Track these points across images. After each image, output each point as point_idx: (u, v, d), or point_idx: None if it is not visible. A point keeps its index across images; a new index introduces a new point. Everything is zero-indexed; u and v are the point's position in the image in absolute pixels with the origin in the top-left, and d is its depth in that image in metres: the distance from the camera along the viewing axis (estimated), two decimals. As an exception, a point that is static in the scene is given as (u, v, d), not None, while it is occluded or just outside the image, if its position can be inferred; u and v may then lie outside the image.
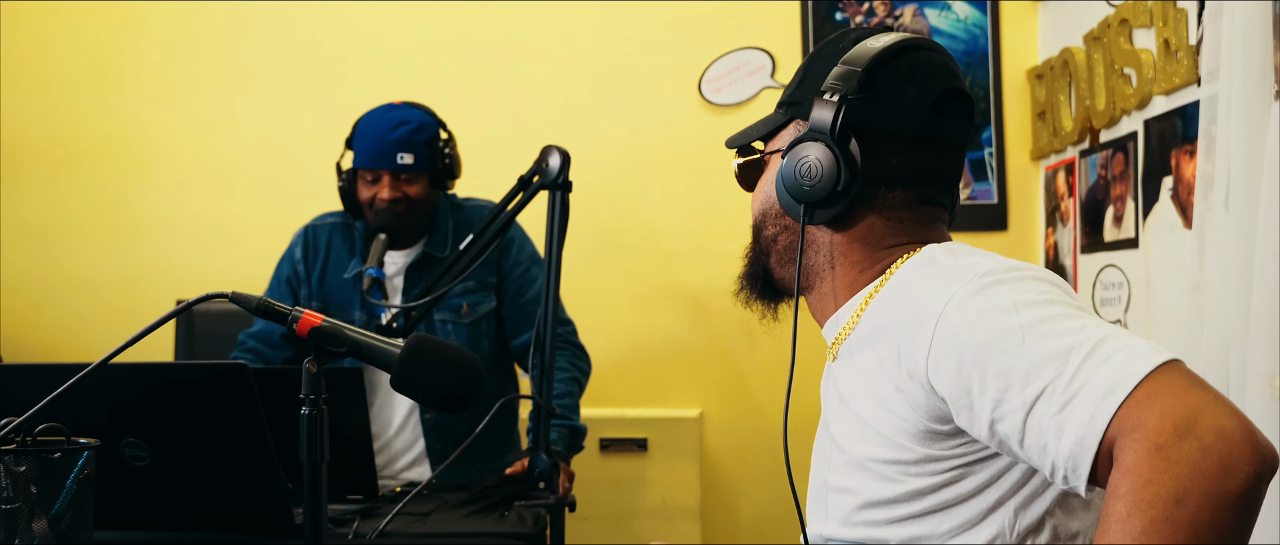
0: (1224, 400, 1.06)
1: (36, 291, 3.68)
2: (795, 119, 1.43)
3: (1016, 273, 1.22)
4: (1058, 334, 1.13)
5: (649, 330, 3.66)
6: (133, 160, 3.70)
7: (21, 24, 3.71)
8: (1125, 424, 1.07)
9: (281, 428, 1.70)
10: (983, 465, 1.24)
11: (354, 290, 2.79)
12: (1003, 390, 1.14)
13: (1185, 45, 2.67)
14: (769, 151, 1.46)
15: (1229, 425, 1.03)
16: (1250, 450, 1.03)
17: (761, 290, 1.50)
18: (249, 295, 1.33)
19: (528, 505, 2.10)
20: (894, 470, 1.26)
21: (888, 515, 1.28)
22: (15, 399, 1.77)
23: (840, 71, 1.36)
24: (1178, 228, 2.72)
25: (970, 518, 1.24)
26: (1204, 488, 1.02)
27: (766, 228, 1.46)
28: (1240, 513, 1.02)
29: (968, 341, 1.17)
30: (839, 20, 3.61)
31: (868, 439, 1.29)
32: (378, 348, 1.35)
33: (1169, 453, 1.03)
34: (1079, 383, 1.10)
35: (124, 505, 1.81)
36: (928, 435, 1.24)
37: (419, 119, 2.74)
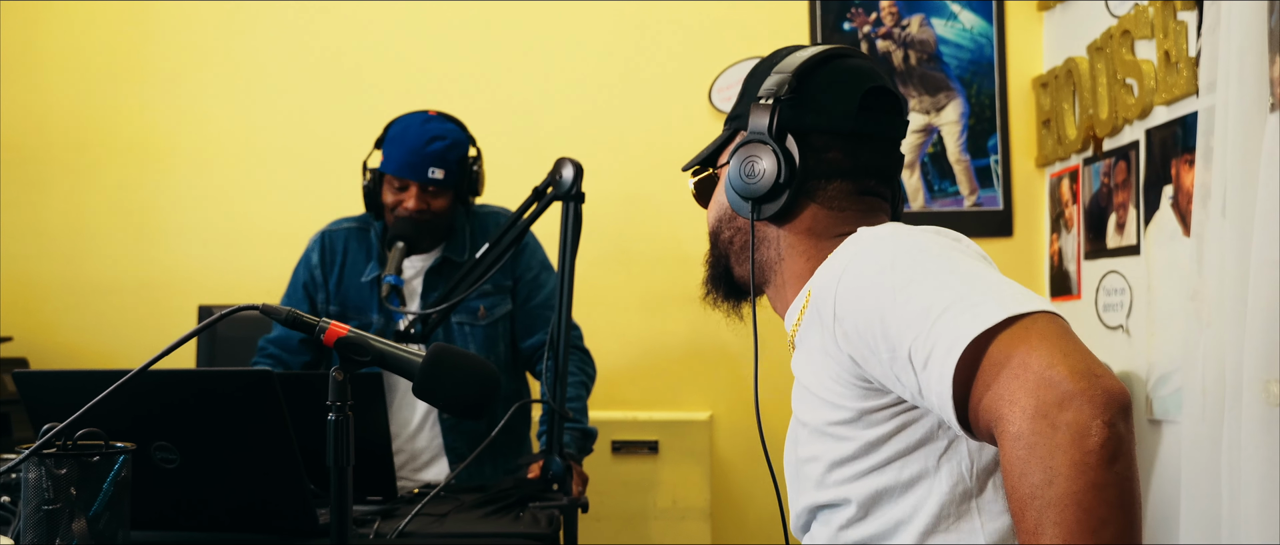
0: (1058, 358, 1.10)
1: (59, 297, 3.75)
2: (738, 131, 1.55)
3: (903, 234, 1.33)
4: (922, 292, 1.21)
5: (660, 335, 3.72)
6: (154, 166, 3.77)
7: (46, 30, 3.78)
8: (982, 403, 1.14)
9: (304, 432, 1.77)
10: (923, 413, 1.30)
11: (370, 293, 2.85)
12: (891, 350, 1.22)
13: (1185, 57, 2.72)
14: (718, 166, 1.58)
15: (1064, 388, 1.08)
16: (1092, 405, 1.07)
17: (725, 291, 1.63)
18: (278, 307, 1.40)
19: (542, 506, 2.16)
20: (843, 429, 1.35)
21: (850, 472, 1.35)
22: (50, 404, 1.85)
23: (773, 80, 1.49)
24: (1178, 235, 2.77)
25: (927, 466, 1.31)
26: (1066, 460, 1.07)
27: (722, 232, 1.58)
28: (1109, 466, 1.06)
29: (858, 304, 1.27)
30: (846, 30, 3.67)
31: (817, 406, 1.39)
32: (400, 357, 1.41)
33: (1027, 439, 1.09)
34: (931, 342, 1.17)
35: (154, 506, 1.87)
36: (859, 391, 1.32)
37: (454, 135, 2.80)
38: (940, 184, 3.66)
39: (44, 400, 1.90)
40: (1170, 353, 2.79)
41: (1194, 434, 2.47)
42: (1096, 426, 1.06)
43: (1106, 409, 1.06)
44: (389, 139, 2.81)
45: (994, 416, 1.13)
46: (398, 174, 2.75)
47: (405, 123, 2.81)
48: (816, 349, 1.38)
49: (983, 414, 1.15)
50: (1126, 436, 1.07)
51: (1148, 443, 2.91)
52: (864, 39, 3.67)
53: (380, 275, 2.83)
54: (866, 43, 3.67)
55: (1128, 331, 3.03)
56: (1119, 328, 3.07)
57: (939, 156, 3.66)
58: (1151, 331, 2.90)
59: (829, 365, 1.34)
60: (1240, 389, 2.27)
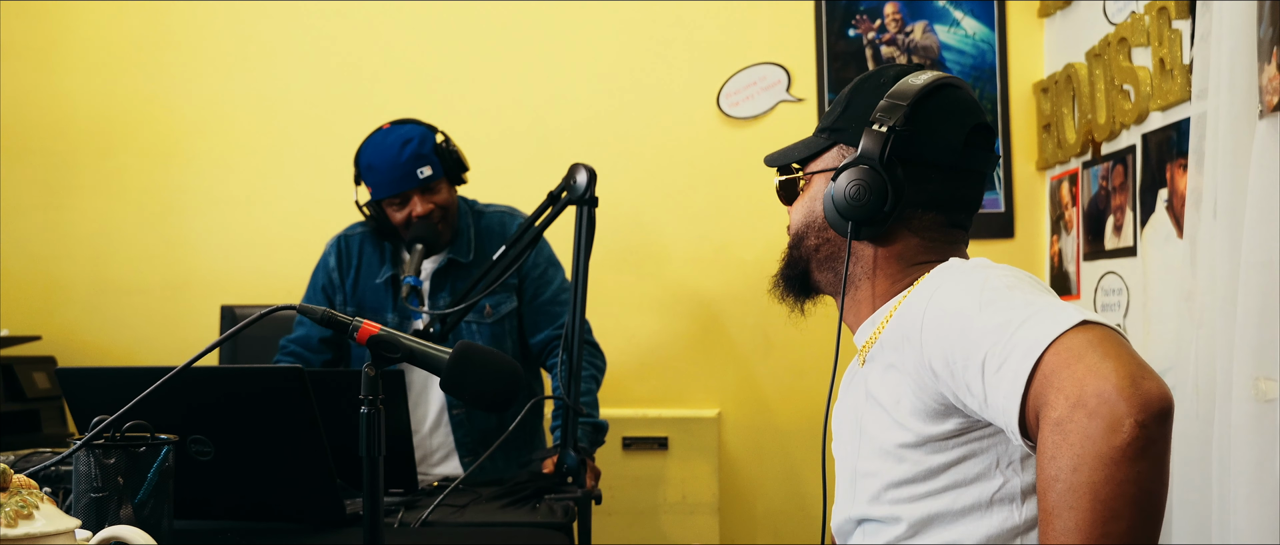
0: (1110, 358, 1.17)
1: (86, 297, 3.84)
2: (838, 144, 1.59)
3: (994, 268, 1.41)
4: (1005, 309, 1.29)
5: (669, 334, 3.79)
6: (178, 170, 3.85)
7: (70, 34, 3.86)
8: (1038, 401, 1.21)
9: (332, 426, 1.87)
10: (986, 447, 1.38)
11: (386, 294, 2.94)
12: (966, 357, 1.30)
13: (1179, 64, 2.80)
14: (813, 171, 1.61)
15: (1106, 386, 1.14)
16: (1128, 402, 1.13)
17: (797, 290, 1.66)
18: (314, 308, 1.49)
19: (557, 498, 2.25)
20: (908, 451, 1.42)
21: (907, 493, 1.43)
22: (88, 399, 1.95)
23: (887, 104, 1.52)
24: (1172, 238, 2.85)
25: (981, 499, 1.39)
26: (1093, 450, 1.13)
27: (809, 238, 1.61)
28: (1133, 463, 1.12)
29: (945, 318, 1.35)
30: (851, 36, 3.75)
31: (887, 426, 1.46)
32: (429, 354, 1.50)
33: (1064, 426, 1.16)
34: (1010, 347, 1.24)
35: (190, 496, 1.96)
36: (929, 415, 1.39)
37: (419, 131, 2.88)
38: (943, 187, 3.73)
39: (84, 396, 1.99)
40: (1165, 352, 2.86)
41: (1186, 430, 2.54)
42: (1129, 424, 1.12)
43: (1142, 409, 1.12)
44: (365, 169, 2.88)
45: (1042, 404, 1.19)
46: (394, 193, 2.83)
47: (371, 146, 2.88)
48: (896, 366, 1.45)
49: (1033, 408, 1.22)
50: (1158, 439, 1.13)
51: (1144, 439, 2.97)
52: (868, 45, 3.75)
53: (395, 274, 2.92)
54: (871, 49, 3.75)
55: (1125, 331, 3.11)
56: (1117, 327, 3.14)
57: (942, 160, 3.73)
58: (1148, 331, 2.98)
59: (906, 383, 1.42)
60: (1231, 386, 2.34)
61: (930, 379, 1.37)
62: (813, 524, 3.66)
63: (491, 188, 3.30)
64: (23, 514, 1.23)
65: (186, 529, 1.98)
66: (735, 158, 3.74)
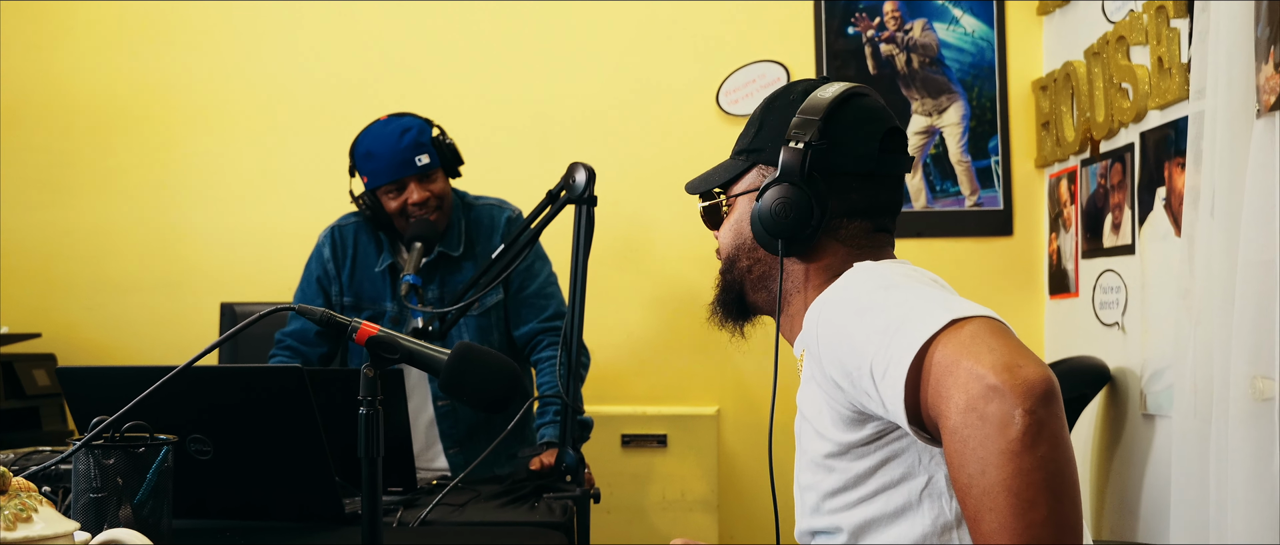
0: (985, 353, 1.19)
1: (85, 294, 3.85)
2: (758, 165, 1.60)
3: (876, 269, 1.45)
4: (880, 313, 1.32)
5: (668, 331, 3.79)
6: (176, 167, 3.86)
7: (70, 32, 3.87)
8: (932, 410, 1.23)
9: (331, 424, 1.87)
10: (905, 446, 1.40)
11: (384, 283, 2.94)
12: (857, 368, 1.32)
13: (1177, 63, 2.80)
14: (736, 194, 1.63)
15: (987, 384, 1.17)
16: (1013, 393, 1.15)
17: (734, 314, 1.70)
18: (313, 308, 1.49)
19: (556, 497, 2.25)
20: (833, 461, 1.45)
21: (841, 502, 1.45)
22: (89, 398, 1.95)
23: (800, 120, 1.53)
24: (1170, 235, 2.85)
25: (910, 499, 1.41)
26: (994, 450, 1.16)
27: (740, 260, 1.64)
28: (1032, 451, 1.15)
29: (832, 332, 1.38)
30: (851, 34, 3.75)
31: (812, 438, 1.49)
32: (427, 355, 1.50)
33: (961, 433, 1.19)
34: (888, 355, 1.27)
35: (189, 495, 1.96)
36: (844, 423, 1.42)
37: (416, 122, 2.90)
38: (942, 184, 3.74)
39: (84, 395, 1.99)
40: (1163, 350, 2.87)
41: (1184, 428, 2.55)
42: (1018, 415, 1.15)
43: (1026, 397, 1.15)
44: (362, 157, 2.89)
45: (935, 414, 1.23)
46: (391, 180, 2.84)
47: (369, 136, 2.89)
48: (810, 379, 1.48)
49: (928, 414, 1.25)
50: (1049, 421, 1.16)
51: (1141, 437, 2.99)
52: (868, 43, 3.75)
53: (394, 263, 2.92)
54: (870, 46, 3.76)
55: (1123, 329, 3.11)
56: (1115, 325, 3.16)
57: (941, 157, 3.74)
58: (1146, 329, 2.98)
59: (820, 394, 1.45)
60: (1228, 385, 2.34)
61: (835, 390, 1.40)
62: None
63: (490, 185, 3.30)
64: (22, 517, 1.24)
65: (186, 529, 1.97)
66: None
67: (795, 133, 1.53)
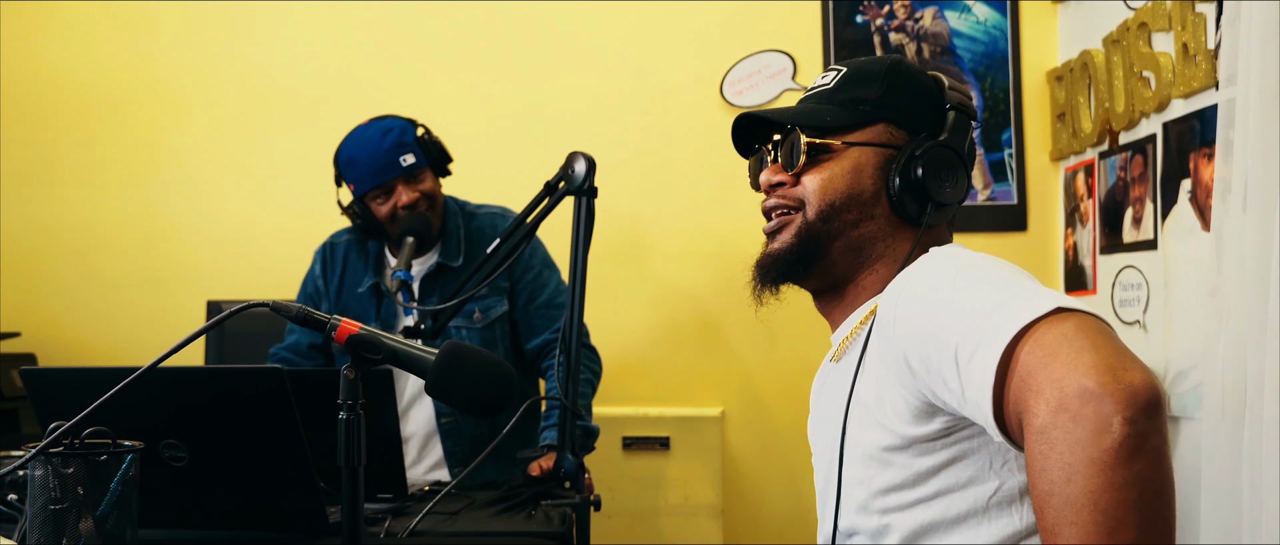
0: (1088, 351, 1.08)
1: (67, 292, 3.74)
2: (884, 121, 1.51)
3: (969, 253, 1.37)
4: (977, 294, 1.21)
5: (670, 330, 3.69)
6: (162, 162, 3.76)
7: (52, 31, 3.76)
8: (1017, 405, 1.12)
9: (315, 429, 1.75)
10: (976, 447, 1.28)
11: (369, 302, 2.85)
12: (939, 348, 1.21)
13: (1203, 49, 2.69)
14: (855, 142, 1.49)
15: (1087, 383, 1.06)
16: (1113, 398, 1.04)
17: (796, 272, 1.51)
18: (289, 304, 1.38)
19: (554, 504, 2.13)
20: (894, 455, 1.32)
21: (897, 501, 1.33)
22: (57, 401, 1.83)
23: (960, 97, 1.52)
24: (1196, 230, 2.74)
25: (976, 505, 1.29)
26: (1084, 457, 1.05)
27: (849, 211, 1.48)
28: (1128, 464, 1.04)
29: (917, 307, 1.27)
30: (859, 22, 3.64)
31: (871, 428, 1.36)
32: (413, 355, 1.38)
33: (1049, 434, 1.07)
34: (981, 335, 1.16)
35: (163, 504, 1.85)
36: (912, 414, 1.29)
37: (399, 123, 2.80)
38: (953, 178, 3.62)
39: (51, 397, 1.88)
40: (1188, 349, 2.75)
41: (1214, 431, 2.45)
42: (1116, 423, 1.03)
43: (1129, 405, 1.04)
44: (346, 165, 2.79)
45: (1021, 408, 1.11)
46: (377, 183, 2.74)
47: (350, 141, 2.80)
48: (878, 361, 1.35)
49: (1012, 407, 1.13)
50: (1151, 435, 1.04)
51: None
52: (877, 32, 3.64)
53: (376, 283, 2.82)
54: (879, 36, 3.64)
55: (1144, 327, 3.00)
56: (1135, 323, 3.04)
57: (952, 150, 3.62)
58: (1169, 328, 2.87)
59: (887, 381, 1.32)
60: (1262, 386, 2.24)
61: (907, 375, 1.28)
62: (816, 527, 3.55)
63: (487, 181, 3.21)
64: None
65: (159, 540, 1.87)
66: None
67: (958, 107, 1.51)
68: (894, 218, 1.48)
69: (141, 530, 1.71)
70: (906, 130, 1.50)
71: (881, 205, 1.48)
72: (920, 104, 1.52)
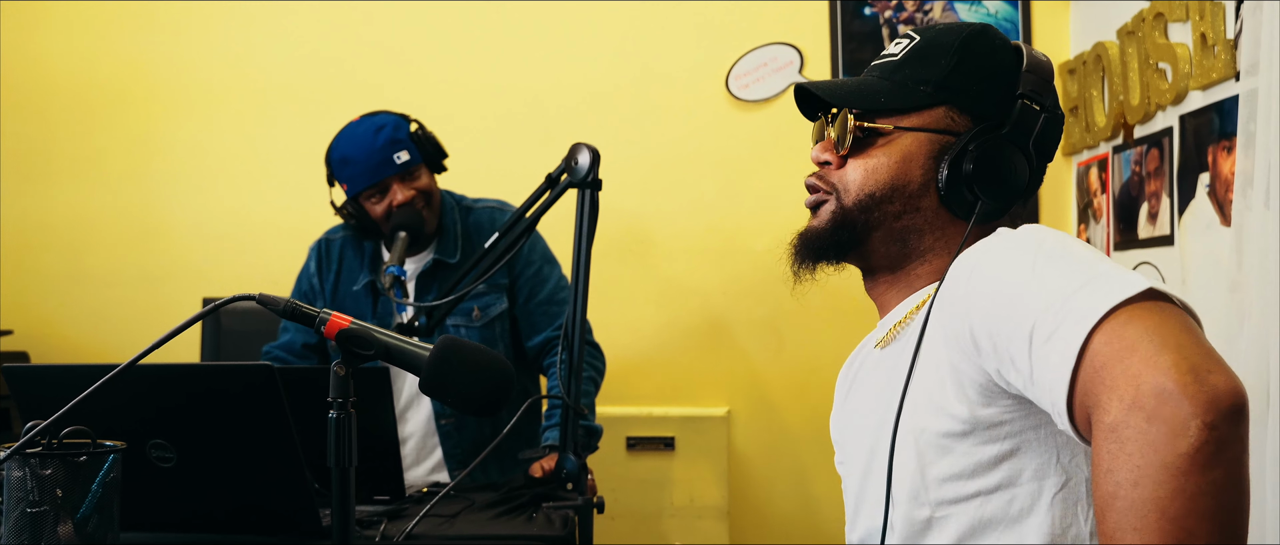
0: (1170, 348, 1.01)
1: (61, 289, 3.69)
2: (946, 105, 1.39)
3: (1050, 231, 1.25)
4: (1060, 273, 1.13)
5: (675, 328, 3.63)
6: (157, 159, 3.71)
7: (49, 28, 3.71)
8: (1088, 398, 1.05)
9: (308, 429, 1.69)
10: (1042, 438, 1.21)
11: (364, 300, 2.79)
12: (1015, 326, 1.13)
13: (1222, 39, 2.62)
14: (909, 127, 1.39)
15: (1166, 382, 0.99)
16: (1193, 401, 0.97)
17: (830, 255, 1.43)
18: (276, 298, 1.32)
19: (556, 507, 2.07)
20: (953, 442, 1.24)
21: (954, 492, 1.25)
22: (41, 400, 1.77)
23: (1035, 80, 1.37)
24: (1215, 225, 2.67)
25: (1038, 502, 1.21)
26: (1157, 460, 0.98)
27: (891, 203, 1.38)
28: (1203, 472, 0.97)
29: (995, 277, 1.19)
30: (867, 15, 3.57)
31: (930, 412, 1.27)
32: (407, 350, 1.33)
33: (1120, 433, 1.00)
34: (1062, 315, 1.09)
35: (150, 507, 1.80)
36: (976, 395, 1.22)
37: (391, 119, 2.74)
38: (963, 174, 3.56)
39: (35, 396, 1.82)
40: (1207, 347, 2.69)
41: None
42: (1195, 427, 0.96)
43: (1209, 409, 0.97)
44: (338, 163, 2.73)
45: (1092, 402, 1.04)
46: (372, 182, 2.68)
47: (343, 138, 2.74)
48: (939, 341, 1.27)
49: (1083, 400, 1.06)
50: (1232, 443, 0.98)
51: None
52: (885, 24, 3.57)
53: (372, 281, 2.76)
54: (887, 28, 3.58)
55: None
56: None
57: (962, 145, 3.56)
58: (1186, 325, 2.80)
59: (946, 362, 1.24)
60: (1285, 385, 2.18)
61: (972, 351, 1.20)
62: (827, 528, 3.50)
63: (486, 176, 3.16)
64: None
65: (146, 543, 1.81)
66: (745, 143, 3.58)
67: (1031, 93, 1.36)
68: (944, 211, 1.38)
69: (127, 534, 1.66)
70: (970, 115, 1.38)
71: (930, 197, 1.38)
72: (990, 87, 1.38)
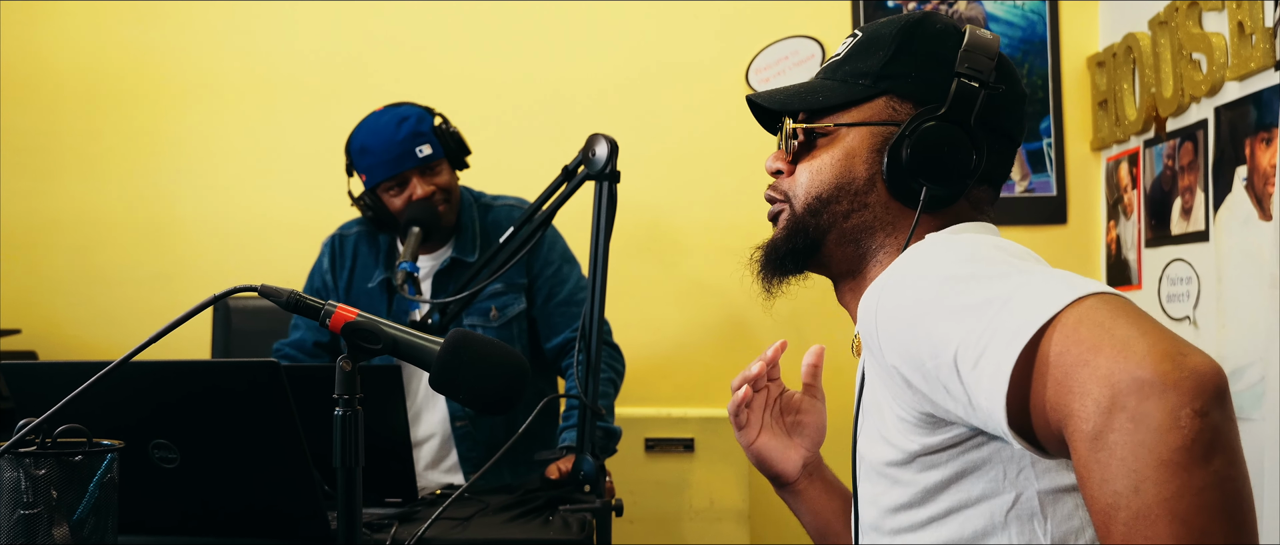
0: (1136, 336, 0.93)
1: (71, 288, 3.63)
2: (887, 94, 1.33)
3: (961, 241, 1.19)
4: (975, 288, 1.06)
5: (695, 328, 3.56)
6: (166, 155, 3.65)
7: (52, 28, 3.66)
8: (1056, 413, 0.97)
9: (316, 428, 1.62)
10: (987, 456, 1.15)
11: (379, 297, 2.73)
12: (935, 354, 1.06)
13: (1261, 27, 2.54)
14: (850, 123, 1.34)
15: (1143, 374, 0.91)
16: (1177, 391, 0.90)
17: (788, 266, 1.40)
18: (279, 289, 1.26)
19: (573, 509, 2.00)
20: (898, 471, 1.19)
21: (907, 521, 1.20)
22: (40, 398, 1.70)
23: (973, 57, 1.30)
24: (1253, 219, 2.59)
25: (993, 522, 1.15)
26: (1152, 460, 0.90)
27: (837, 203, 1.33)
28: (1205, 462, 0.89)
29: (903, 315, 1.12)
30: (891, 8, 3.50)
31: (875, 441, 1.23)
32: (416, 344, 1.26)
33: (1105, 440, 0.92)
34: (989, 334, 1.01)
35: (152, 508, 1.74)
36: (913, 427, 1.16)
37: (415, 111, 2.68)
38: (989, 169, 3.48)
39: (35, 394, 1.76)
40: (1245, 345, 2.60)
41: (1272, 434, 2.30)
42: (1185, 416, 0.89)
43: (1197, 395, 0.89)
44: (358, 153, 2.68)
45: (1062, 414, 0.96)
46: (391, 174, 2.63)
47: (364, 128, 2.68)
48: (875, 372, 1.22)
49: (1049, 414, 0.98)
50: (1224, 426, 0.90)
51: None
52: (909, 17, 3.49)
53: (387, 278, 2.70)
54: (911, 21, 3.50)
55: (1195, 323, 2.84)
56: (1185, 319, 2.89)
57: (988, 140, 3.48)
58: (1222, 323, 2.71)
59: (880, 390, 1.19)
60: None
61: (905, 390, 1.13)
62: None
63: (503, 171, 3.09)
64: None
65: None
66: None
67: (968, 70, 1.28)
68: (895, 204, 1.31)
69: (128, 537, 1.60)
70: (913, 102, 1.31)
71: (877, 192, 1.32)
72: (930, 72, 1.31)
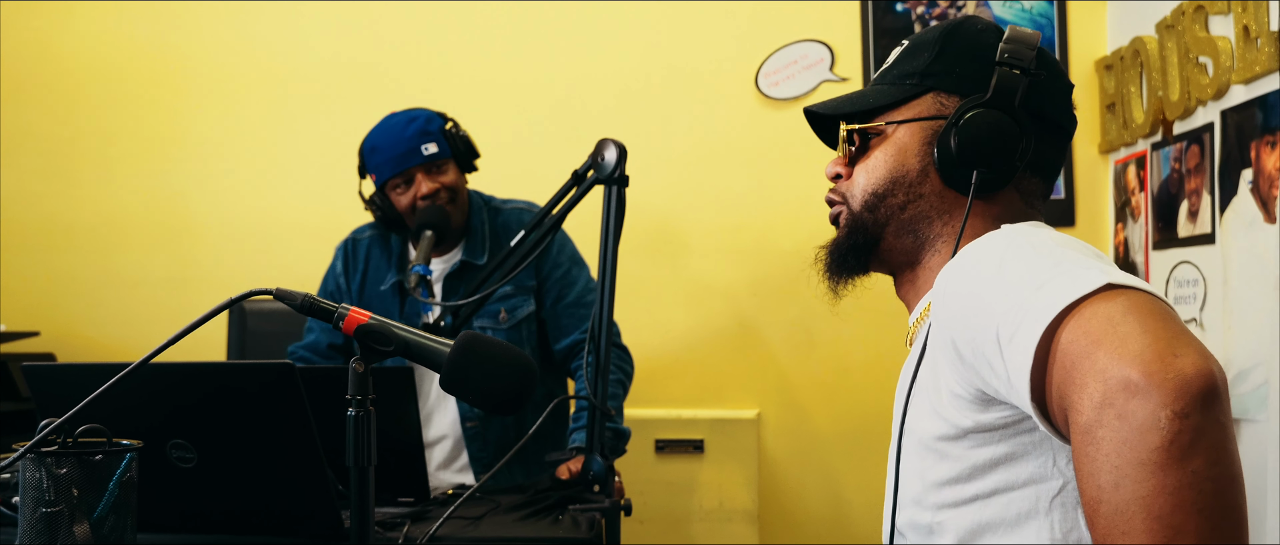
0: (1135, 336, 0.98)
1: (88, 291, 3.67)
2: (934, 91, 1.39)
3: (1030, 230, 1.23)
4: (1023, 270, 1.11)
5: (705, 329, 3.58)
6: (183, 160, 3.68)
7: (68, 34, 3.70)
8: (1062, 400, 1.02)
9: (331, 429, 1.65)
10: (1038, 441, 1.18)
11: (392, 300, 2.77)
12: (983, 330, 1.11)
13: (1267, 31, 2.55)
14: (900, 120, 1.40)
15: (1131, 373, 0.95)
16: (1160, 392, 0.94)
17: (851, 266, 1.44)
18: (293, 292, 1.29)
19: (582, 509, 2.03)
20: (949, 446, 1.23)
21: (952, 496, 1.23)
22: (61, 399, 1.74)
23: (1012, 47, 1.35)
24: (1259, 222, 2.60)
25: (1037, 506, 1.18)
26: (1132, 459, 0.94)
27: (893, 196, 1.39)
28: (1182, 464, 0.93)
29: (964, 291, 1.18)
30: (900, 11, 3.52)
31: (927, 416, 1.27)
32: (427, 346, 1.29)
33: (1094, 434, 0.97)
34: (1022, 313, 1.06)
35: (169, 508, 1.77)
36: (969, 404, 1.20)
37: (425, 113, 2.73)
38: (998, 172, 3.49)
39: (56, 395, 1.80)
40: (1250, 347, 2.62)
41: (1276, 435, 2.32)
42: (1164, 418, 0.93)
43: (1177, 396, 0.93)
44: (368, 153, 2.73)
45: (1066, 404, 1.01)
46: (397, 171, 2.67)
47: (376, 130, 2.74)
48: (935, 347, 1.26)
49: (1058, 401, 1.03)
50: (1207, 429, 0.94)
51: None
52: (918, 21, 3.52)
53: (400, 281, 2.73)
54: (919, 24, 3.52)
55: (1202, 325, 2.86)
56: (1191, 321, 2.90)
57: (997, 143, 3.50)
58: (1228, 325, 2.73)
59: (944, 368, 1.23)
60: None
61: (958, 362, 1.18)
62: (858, 532, 3.45)
63: (513, 175, 3.12)
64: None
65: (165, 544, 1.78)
66: (775, 141, 3.52)
67: (1009, 58, 1.34)
68: (949, 193, 1.38)
69: (146, 535, 1.63)
70: (959, 95, 1.37)
71: (930, 182, 1.38)
72: (972, 66, 1.38)
